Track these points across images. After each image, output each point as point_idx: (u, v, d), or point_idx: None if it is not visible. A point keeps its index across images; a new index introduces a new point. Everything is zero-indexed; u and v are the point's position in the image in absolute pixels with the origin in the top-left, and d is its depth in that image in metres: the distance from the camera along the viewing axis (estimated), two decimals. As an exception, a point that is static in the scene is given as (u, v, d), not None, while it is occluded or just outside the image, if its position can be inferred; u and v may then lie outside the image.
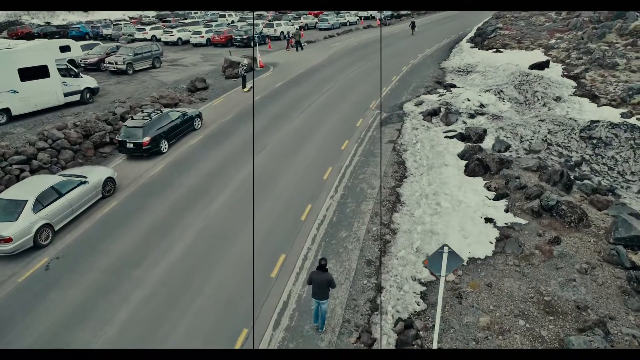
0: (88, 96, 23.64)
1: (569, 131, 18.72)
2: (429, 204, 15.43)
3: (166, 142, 19.61)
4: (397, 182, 17.01)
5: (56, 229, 13.77)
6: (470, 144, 19.23)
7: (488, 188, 15.94)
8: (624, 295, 10.73)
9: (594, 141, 17.75)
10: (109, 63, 31.48)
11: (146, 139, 18.57)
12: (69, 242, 13.65)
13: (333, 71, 32.43)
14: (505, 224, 13.81)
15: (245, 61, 28.23)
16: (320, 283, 9.75)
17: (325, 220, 14.67)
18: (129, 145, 18.62)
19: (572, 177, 16.31)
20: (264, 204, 15.47)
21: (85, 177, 15.14)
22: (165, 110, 20.49)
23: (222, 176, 17.34)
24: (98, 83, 28.87)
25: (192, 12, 75.07)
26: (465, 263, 12.47)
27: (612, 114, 21.37)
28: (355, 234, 13.84)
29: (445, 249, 9.03)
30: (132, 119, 19.52)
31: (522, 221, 13.86)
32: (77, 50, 31.40)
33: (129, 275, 12.29)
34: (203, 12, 76.70)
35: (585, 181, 16.49)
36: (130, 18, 73.19)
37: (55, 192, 13.91)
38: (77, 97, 23.07)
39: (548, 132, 19.11)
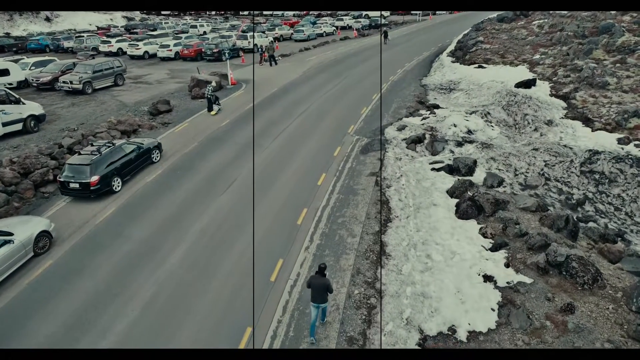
0: (32, 125, 20.97)
1: (568, 163, 17.05)
2: (418, 256, 13.45)
3: (119, 180, 17.20)
4: (382, 228, 14.99)
5: (-31, 304, 11.27)
6: (459, 178, 17.39)
7: (484, 234, 14.06)
8: (659, 389, 8.86)
9: (597, 176, 16.10)
10: (64, 82, 28.75)
11: (94, 178, 16.14)
12: (-15, 322, 11.15)
13: (308, 89, 30.40)
14: (508, 283, 11.91)
15: (214, 82, 25.91)
16: (318, 287, 9.99)
17: (299, 280, 12.53)
18: (74, 185, 16.15)
19: (576, 219, 14.56)
20: (226, 257, 13.27)
21: (11, 234, 12.64)
22: (118, 142, 18.04)
23: (180, 224, 15.02)
24: (50, 106, 26.31)
25: (163, 22, 72.28)
26: (464, 339, 10.50)
27: (608, 140, 19.86)
28: (334, 300, 11.72)
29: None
30: (79, 154, 17.04)
31: (527, 280, 11.98)
32: (17, 73, 28.62)
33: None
34: (174, 22, 73.97)
35: (590, 224, 14.77)
36: (98, 28, 70.01)
37: (-31, 259, 11.41)
38: (19, 127, 20.40)
39: (545, 165, 17.41)
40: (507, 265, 12.57)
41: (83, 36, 48.59)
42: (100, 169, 16.37)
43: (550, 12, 39.89)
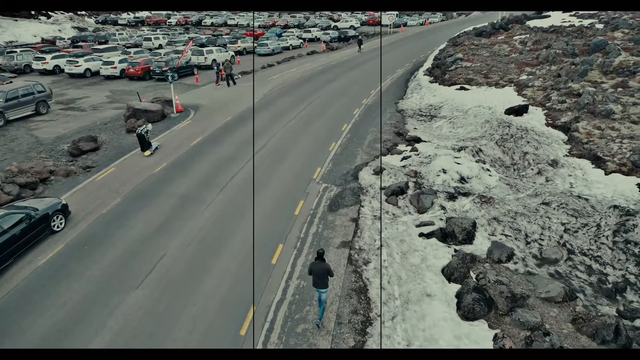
0: None
1: (594, 229, 13.27)
2: (412, 395, 9.23)
3: (-7, 268, 12.41)
4: (359, 337, 10.73)
5: None
6: (457, 250, 13.38)
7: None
8: None
9: (637, 250, 12.31)
10: (-33, 114, 23.57)
11: (-51, 273, 11.34)
12: None
13: (268, 118, 26.06)
14: None
15: (150, 126, 21.12)
16: (319, 272, 10.23)
17: None
18: None
19: (619, 314, 10.68)
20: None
21: None
22: (-6, 213, 13.19)
23: (68, 343, 10.36)
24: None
25: (117, 34, 66.64)
26: None
27: (627, 186, 16.34)
28: None
29: None
30: None
31: None
32: None
33: None
34: (129, 33, 68.47)
35: (638, 322, 10.91)
36: (43, 40, 63.75)
37: None
38: None
39: (564, 230, 13.59)
40: (544, 416, 8.48)
41: (15, 51, 42.74)
42: (-41, 259, 11.58)
43: (532, 27, 37.03)
